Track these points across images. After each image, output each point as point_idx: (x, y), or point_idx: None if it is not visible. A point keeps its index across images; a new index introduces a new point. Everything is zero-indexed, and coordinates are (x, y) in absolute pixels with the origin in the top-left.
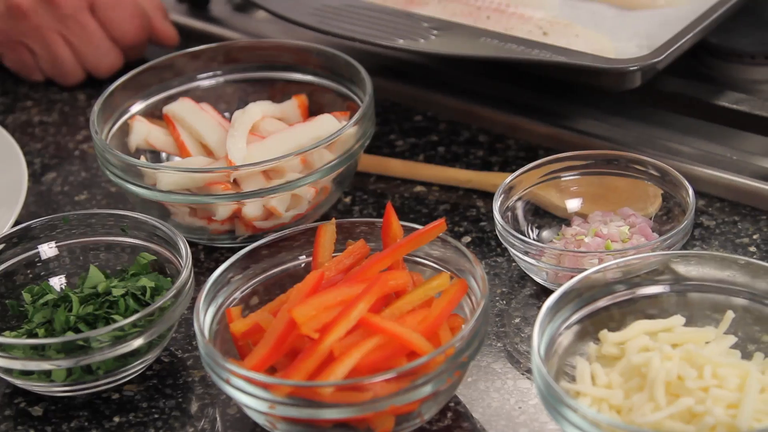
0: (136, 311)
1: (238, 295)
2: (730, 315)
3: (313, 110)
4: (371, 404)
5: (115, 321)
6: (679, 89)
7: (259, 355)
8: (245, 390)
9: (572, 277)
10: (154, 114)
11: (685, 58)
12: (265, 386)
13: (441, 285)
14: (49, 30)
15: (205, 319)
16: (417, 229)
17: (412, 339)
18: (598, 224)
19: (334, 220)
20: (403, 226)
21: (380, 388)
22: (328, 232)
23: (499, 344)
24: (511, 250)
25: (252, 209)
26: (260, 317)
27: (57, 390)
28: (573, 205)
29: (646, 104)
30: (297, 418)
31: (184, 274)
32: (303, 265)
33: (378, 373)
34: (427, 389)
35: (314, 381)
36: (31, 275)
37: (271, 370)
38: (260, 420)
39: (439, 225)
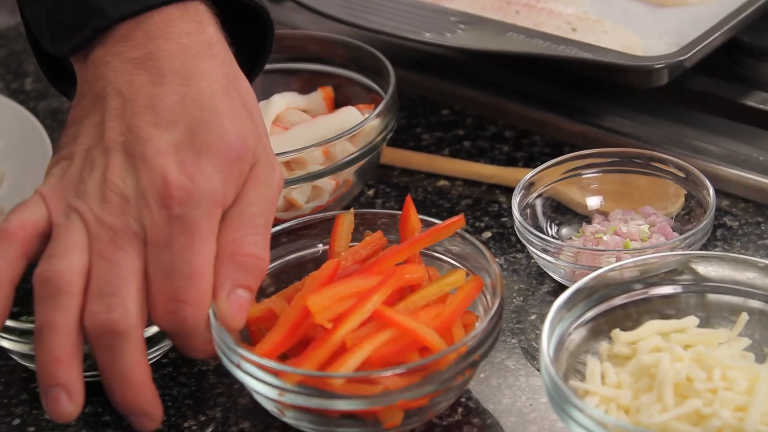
0: None
1: None
2: (744, 317)
3: (339, 102)
4: (381, 398)
5: None
6: (707, 88)
7: (272, 341)
8: (255, 376)
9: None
10: None
11: (718, 56)
12: (275, 373)
13: (456, 281)
14: None
15: None
16: (436, 223)
17: (425, 334)
18: (618, 222)
19: (352, 210)
20: (422, 220)
21: (391, 382)
22: (346, 221)
23: (513, 341)
24: (529, 247)
25: None
26: (274, 303)
27: None
28: (594, 202)
29: (676, 103)
30: (305, 407)
31: None
32: (320, 253)
33: (389, 366)
34: (437, 385)
35: (325, 371)
36: None
37: (283, 357)
38: (269, 406)
39: (458, 220)
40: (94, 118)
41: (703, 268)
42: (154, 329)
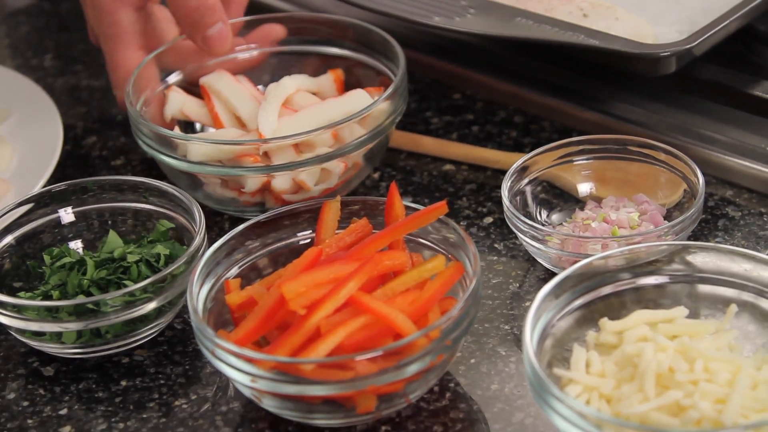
0: (148, 277)
1: (236, 269)
2: (733, 309)
3: (349, 85)
4: (351, 383)
5: (125, 286)
6: (716, 77)
7: (246, 328)
8: (229, 362)
9: (575, 261)
10: (193, 84)
11: (734, 45)
12: (247, 360)
13: (436, 267)
14: None
15: (201, 290)
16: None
17: (397, 320)
18: (609, 209)
19: (339, 198)
20: (407, 206)
21: (361, 367)
22: (332, 209)
23: (506, 327)
24: (518, 234)
25: (281, 182)
26: (255, 291)
27: (68, 352)
28: (585, 188)
29: (685, 91)
30: (278, 393)
31: (197, 241)
32: (309, 240)
33: (360, 351)
34: (409, 370)
35: (296, 357)
36: (59, 237)
37: (265, 342)
38: (247, 393)
39: (440, 207)
40: None
41: (698, 259)
42: (148, 308)
